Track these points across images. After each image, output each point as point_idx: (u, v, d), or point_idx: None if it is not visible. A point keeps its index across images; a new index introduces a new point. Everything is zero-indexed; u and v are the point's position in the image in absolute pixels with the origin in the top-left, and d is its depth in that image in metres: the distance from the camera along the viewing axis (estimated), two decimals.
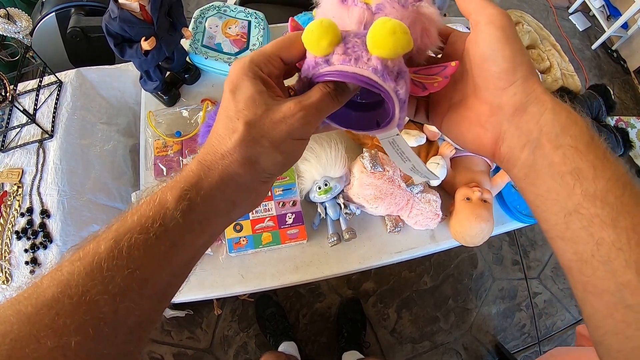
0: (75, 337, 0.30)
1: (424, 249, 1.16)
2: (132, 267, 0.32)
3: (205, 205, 0.36)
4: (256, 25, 1.35)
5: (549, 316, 2.52)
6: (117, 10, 0.97)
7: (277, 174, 0.40)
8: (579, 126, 0.37)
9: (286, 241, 1.07)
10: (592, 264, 0.34)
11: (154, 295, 0.34)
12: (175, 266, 0.35)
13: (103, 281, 0.32)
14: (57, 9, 1.67)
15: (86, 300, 0.31)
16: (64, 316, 0.30)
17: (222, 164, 0.37)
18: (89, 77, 1.36)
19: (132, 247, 0.33)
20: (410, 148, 0.47)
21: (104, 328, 0.31)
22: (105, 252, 0.33)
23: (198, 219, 0.36)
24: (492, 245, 2.59)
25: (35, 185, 1.14)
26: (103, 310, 0.31)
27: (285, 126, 0.38)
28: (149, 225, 0.34)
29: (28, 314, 0.30)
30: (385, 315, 2.29)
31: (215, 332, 2.09)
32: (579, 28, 3.83)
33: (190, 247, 0.36)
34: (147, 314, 0.34)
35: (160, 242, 0.34)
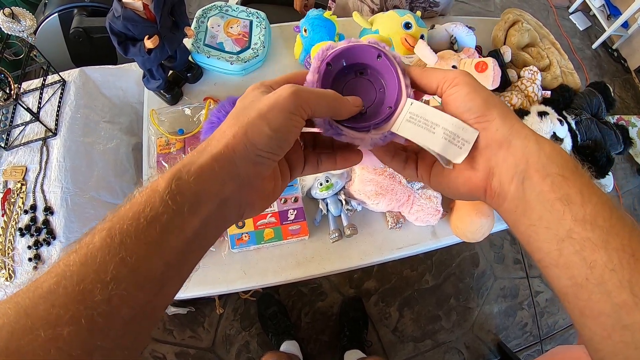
0: (68, 327, 0.29)
1: (425, 245, 1.17)
2: (122, 254, 0.32)
3: (195, 185, 0.35)
4: (257, 25, 1.36)
5: (550, 315, 2.52)
6: (120, 9, 0.98)
7: (266, 151, 0.38)
8: (563, 156, 0.38)
9: (288, 237, 1.08)
10: (587, 287, 0.35)
11: (147, 284, 0.33)
12: (167, 253, 0.34)
13: (97, 270, 0.31)
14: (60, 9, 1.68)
15: (80, 290, 0.31)
16: (58, 307, 0.30)
17: (214, 144, 0.38)
18: (92, 76, 1.37)
19: (124, 234, 0.33)
20: (431, 108, 0.43)
21: (97, 318, 0.30)
22: (99, 241, 0.33)
23: (188, 201, 0.35)
24: (494, 244, 2.60)
25: (39, 183, 1.15)
26: (96, 300, 0.31)
27: (273, 96, 0.39)
28: (140, 210, 0.34)
29: (25, 306, 0.30)
30: (387, 314, 2.29)
31: (217, 331, 2.09)
32: (579, 27, 3.84)
33: (182, 232, 0.35)
34: (142, 306, 0.33)
35: (150, 227, 0.33)
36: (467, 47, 1.34)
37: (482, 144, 0.41)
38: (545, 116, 1.16)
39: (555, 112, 1.20)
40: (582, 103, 1.33)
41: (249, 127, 0.38)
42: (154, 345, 2.01)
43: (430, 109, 0.43)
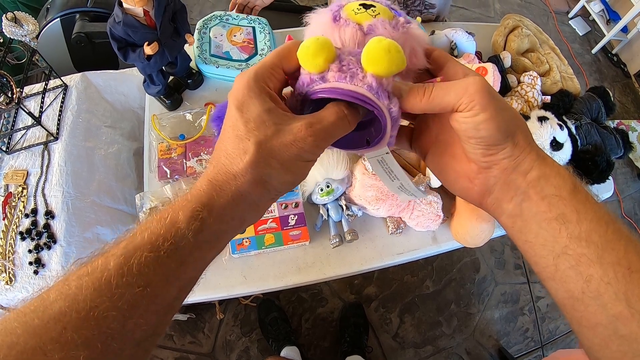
0: (84, 351, 0.30)
1: (425, 250, 1.16)
2: (142, 285, 0.33)
3: (217, 225, 0.37)
4: (261, 31, 1.37)
5: (551, 320, 2.52)
6: (121, 15, 0.98)
7: (285, 192, 0.41)
8: (562, 176, 0.39)
9: (288, 242, 1.08)
10: (584, 300, 0.36)
11: (161, 310, 0.35)
12: (183, 281, 0.36)
13: (112, 297, 0.32)
14: (62, 14, 1.69)
15: (94, 316, 0.31)
16: (72, 330, 0.30)
17: (235, 184, 0.37)
18: (94, 81, 1.37)
19: (142, 265, 0.33)
20: (399, 166, 0.48)
21: (111, 343, 0.31)
22: (114, 268, 0.33)
23: (209, 238, 0.36)
24: (495, 249, 2.59)
25: (40, 187, 1.15)
26: (111, 327, 0.31)
27: (295, 149, 0.37)
28: (159, 243, 0.34)
29: (35, 326, 0.30)
30: (387, 320, 2.29)
31: (218, 337, 2.09)
32: (579, 32, 3.85)
33: (200, 263, 0.37)
34: (154, 327, 0.35)
35: (170, 260, 0.34)
36: (467, 52, 1.34)
37: (483, 166, 0.41)
38: (545, 121, 1.16)
39: (555, 117, 1.20)
40: (582, 108, 1.33)
41: (272, 177, 0.38)
42: (155, 350, 2.00)
43: (398, 167, 0.49)
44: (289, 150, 0.37)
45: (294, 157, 0.38)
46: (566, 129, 1.20)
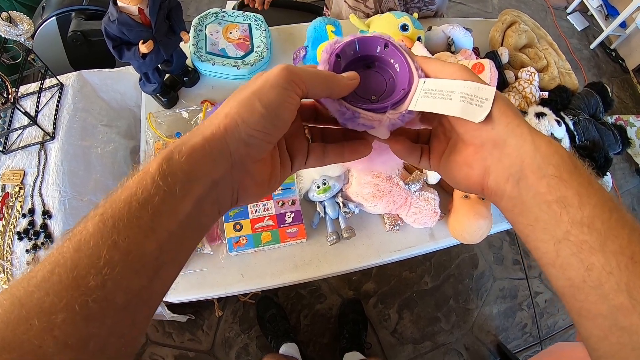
0: (63, 314, 0.29)
1: (423, 247, 1.17)
2: (115, 237, 0.31)
3: (187, 165, 0.35)
4: (257, 27, 1.36)
5: (550, 315, 2.52)
6: (116, 13, 0.98)
7: (258, 130, 0.37)
8: (561, 155, 0.38)
9: (285, 240, 1.08)
10: (584, 289, 0.35)
11: (141, 269, 0.32)
12: (160, 236, 0.33)
13: (90, 255, 0.31)
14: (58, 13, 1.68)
15: (74, 276, 0.30)
16: (53, 294, 0.29)
17: (206, 124, 0.37)
18: (90, 80, 1.37)
19: (116, 218, 0.32)
20: (444, 79, 0.43)
21: (91, 305, 0.30)
22: (92, 227, 0.32)
23: (180, 181, 0.34)
24: (493, 245, 2.60)
25: (37, 187, 1.15)
26: (90, 286, 0.30)
27: (266, 74, 0.38)
28: (132, 194, 0.33)
29: (19, 296, 0.30)
30: (386, 316, 2.29)
31: (217, 334, 2.09)
32: (577, 28, 3.85)
33: (174, 214, 0.34)
34: (137, 292, 0.32)
35: (143, 209, 0.33)
36: (465, 48, 1.34)
37: (477, 142, 0.41)
38: (543, 117, 1.16)
39: (553, 113, 1.20)
40: (579, 104, 1.33)
41: (241, 105, 0.37)
42: (154, 348, 2.01)
43: (443, 81, 0.42)
44: (260, 78, 0.38)
45: (264, 81, 0.38)
46: (564, 125, 1.20)
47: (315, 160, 0.47)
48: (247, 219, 1.09)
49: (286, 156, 0.46)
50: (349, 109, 0.43)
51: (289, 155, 0.46)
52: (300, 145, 0.47)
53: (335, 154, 0.47)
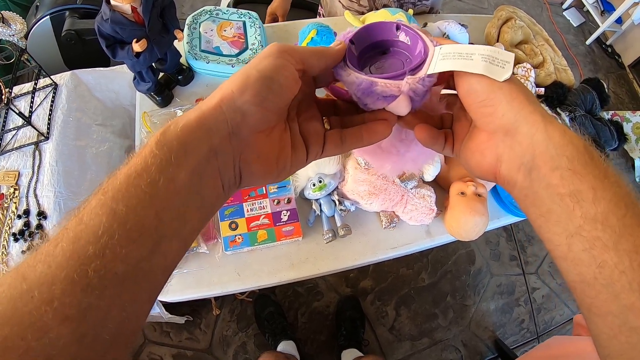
0: (62, 285, 0.29)
1: (419, 244, 1.17)
2: (114, 206, 0.31)
3: (182, 134, 0.35)
4: (252, 25, 1.36)
5: (547, 311, 2.53)
6: (109, 12, 0.97)
7: (253, 95, 0.37)
8: (575, 146, 0.36)
9: (281, 238, 1.08)
10: (595, 286, 0.34)
11: (140, 239, 0.32)
12: (158, 205, 0.33)
13: (91, 225, 0.31)
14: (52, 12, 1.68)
15: (74, 248, 0.30)
16: (55, 267, 0.29)
17: (206, 100, 0.38)
18: (84, 79, 1.36)
19: (115, 190, 0.32)
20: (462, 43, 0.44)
21: (90, 274, 0.29)
22: (94, 200, 0.32)
23: (175, 149, 0.34)
24: (490, 241, 2.60)
25: (32, 187, 1.15)
26: (89, 254, 0.30)
27: (262, 50, 0.40)
28: (130, 166, 0.33)
29: (23, 271, 0.30)
30: (383, 313, 2.30)
31: (214, 333, 2.09)
32: (573, 24, 3.85)
33: (171, 182, 0.34)
34: (137, 263, 0.32)
35: (139, 178, 0.33)
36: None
37: (489, 128, 0.41)
38: None
39: (549, 109, 1.20)
40: (576, 99, 1.33)
41: (236, 77, 0.38)
42: (151, 347, 2.01)
43: (460, 45, 0.41)
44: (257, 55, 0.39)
45: (259, 55, 0.39)
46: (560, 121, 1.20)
47: (334, 146, 0.46)
48: (242, 218, 1.09)
49: (299, 140, 0.44)
50: (366, 80, 0.42)
51: (304, 141, 0.45)
52: (316, 131, 0.45)
53: (354, 138, 0.45)
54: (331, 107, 0.49)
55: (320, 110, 0.48)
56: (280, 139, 0.42)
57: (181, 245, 0.36)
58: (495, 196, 1.25)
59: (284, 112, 0.41)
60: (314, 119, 0.46)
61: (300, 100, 0.45)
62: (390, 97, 0.42)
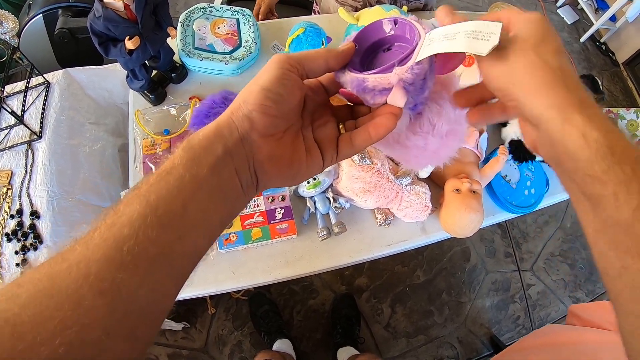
0: (99, 263, 0.32)
1: (414, 241, 1.17)
2: (147, 196, 0.36)
3: (203, 139, 0.40)
4: (245, 22, 1.35)
5: (542, 307, 2.54)
6: (101, 9, 0.96)
7: (257, 103, 0.41)
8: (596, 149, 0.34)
9: (276, 236, 1.08)
10: (618, 284, 0.35)
11: (168, 225, 0.36)
12: (184, 196, 0.38)
13: (126, 213, 0.35)
14: (45, 10, 1.67)
15: (112, 232, 0.34)
16: (92, 247, 0.33)
17: (219, 116, 0.43)
18: (77, 78, 1.35)
19: (149, 184, 0.37)
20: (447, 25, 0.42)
21: (125, 253, 0.33)
22: (130, 195, 0.37)
23: (197, 151, 0.39)
24: (485, 238, 2.61)
25: (25, 187, 1.14)
26: (124, 235, 0.34)
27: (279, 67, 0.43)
28: (161, 167, 0.39)
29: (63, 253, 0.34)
30: (379, 311, 2.30)
31: (210, 332, 2.09)
32: (567, 21, 3.86)
33: (195, 178, 0.38)
34: (165, 246, 0.36)
35: (169, 175, 0.38)
36: None
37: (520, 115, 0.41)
38: None
39: None
40: None
41: (244, 91, 0.43)
42: None
43: (448, 27, 0.41)
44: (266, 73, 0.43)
45: (262, 69, 0.44)
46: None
47: (347, 148, 0.48)
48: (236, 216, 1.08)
49: (313, 145, 0.47)
50: (357, 77, 0.44)
51: (319, 146, 0.48)
52: (328, 137, 0.48)
53: (362, 136, 0.47)
54: (348, 112, 0.52)
55: (337, 116, 0.51)
56: (293, 143, 0.46)
57: (206, 236, 0.40)
58: (490, 193, 1.26)
59: (291, 117, 0.45)
60: (327, 125, 0.49)
61: (314, 109, 0.49)
62: (385, 90, 0.43)
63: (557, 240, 2.76)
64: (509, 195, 1.24)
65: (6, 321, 0.30)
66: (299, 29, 1.21)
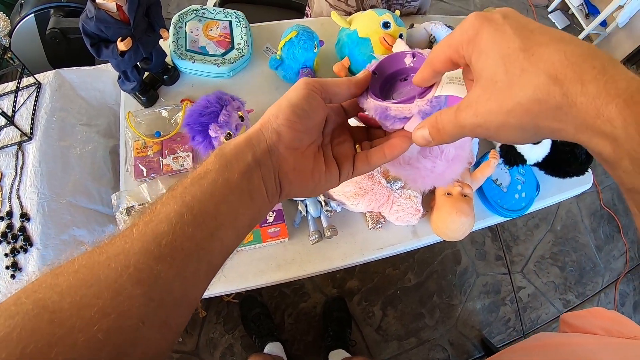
0: (137, 255, 0.35)
1: (406, 244, 1.17)
2: (183, 197, 0.40)
3: (234, 148, 0.44)
4: (238, 25, 1.35)
5: (533, 310, 2.55)
6: (93, 10, 0.96)
7: (284, 119, 0.45)
8: None
9: (267, 240, 1.07)
10: None
11: (202, 223, 0.39)
12: (217, 199, 0.41)
13: (165, 212, 0.39)
14: (37, 10, 1.66)
15: (150, 228, 0.37)
16: (131, 241, 0.36)
17: (251, 127, 0.47)
18: (68, 78, 1.34)
19: (184, 186, 0.41)
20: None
21: (163, 247, 0.36)
22: (165, 197, 0.41)
23: (228, 158, 0.43)
24: (475, 241, 2.62)
25: (15, 189, 1.13)
26: (162, 231, 0.37)
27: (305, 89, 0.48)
28: (195, 172, 0.43)
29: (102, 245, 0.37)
30: (370, 313, 2.30)
31: (201, 335, 2.08)
32: (558, 26, 3.88)
33: (227, 183, 0.42)
34: (199, 241, 0.39)
35: (203, 179, 0.41)
36: None
37: None
38: None
39: None
40: None
41: (273, 107, 0.47)
42: None
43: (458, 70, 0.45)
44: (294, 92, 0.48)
45: (290, 89, 0.48)
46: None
47: (362, 165, 0.52)
48: None
49: (332, 161, 0.52)
50: (381, 105, 0.49)
51: (337, 162, 0.52)
52: (346, 154, 0.52)
53: (377, 155, 0.51)
54: (364, 133, 0.56)
55: (354, 136, 0.55)
56: (314, 158, 0.50)
57: (235, 236, 0.44)
58: (481, 196, 1.26)
59: (314, 134, 0.49)
60: (345, 144, 0.53)
61: (334, 128, 0.53)
62: (404, 118, 0.48)
63: (548, 243, 2.77)
64: (499, 198, 1.24)
65: (45, 308, 0.32)
66: (292, 32, 1.21)
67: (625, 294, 2.80)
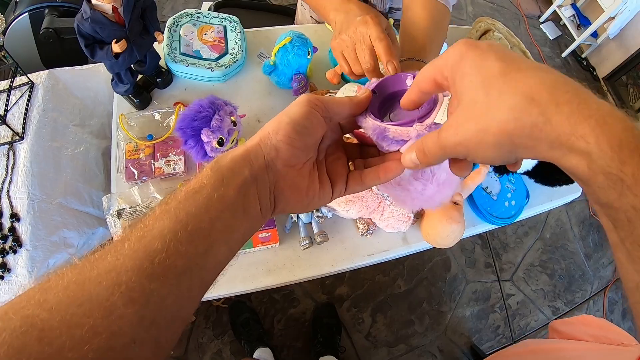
0: (130, 273, 0.35)
1: (396, 251, 1.17)
2: (176, 214, 0.39)
3: (230, 163, 0.43)
4: (232, 29, 1.35)
5: (522, 317, 2.57)
6: (89, 11, 0.96)
7: (284, 135, 0.45)
8: None
9: (258, 245, 1.07)
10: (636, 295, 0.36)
11: (196, 239, 0.39)
12: (212, 215, 0.40)
13: (159, 228, 0.38)
14: (31, 9, 1.65)
15: (142, 245, 0.37)
16: (122, 258, 0.35)
17: (249, 141, 0.46)
18: (62, 78, 1.34)
19: (178, 201, 0.41)
20: None
21: (155, 265, 0.36)
22: (158, 210, 0.40)
23: (224, 173, 0.43)
24: (465, 248, 2.63)
25: (5, 188, 1.12)
26: (155, 248, 0.36)
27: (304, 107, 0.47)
28: (190, 186, 0.42)
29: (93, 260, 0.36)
30: (360, 320, 2.30)
31: (189, 340, 2.07)
32: (549, 37, 3.92)
33: (222, 199, 0.41)
34: (192, 259, 0.38)
35: (198, 194, 0.41)
36: None
37: None
38: None
39: None
40: None
41: (273, 122, 0.46)
42: None
43: None
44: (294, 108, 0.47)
45: (292, 104, 0.47)
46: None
47: (356, 184, 0.52)
48: None
49: (326, 178, 0.52)
50: (380, 126, 0.49)
51: (330, 179, 0.52)
52: (339, 172, 0.52)
53: (372, 176, 0.51)
54: (357, 150, 0.56)
55: (347, 152, 0.55)
56: (310, 175, 0.50)
57: (228, 251, 0.43)
58: (471, 204, 1.27)
59: (311, 151, 0.49)
60: (339, 161, 0.53)
61: (329, 145, 0.53)
62: (402, 141, 0.48)
63: (537, 251, 2.79)
64: (489, 206, 1.25)
65: (33, 326, 0.31)
66: (286, 38, 1.22)
67: (614, 302, 2.82)
